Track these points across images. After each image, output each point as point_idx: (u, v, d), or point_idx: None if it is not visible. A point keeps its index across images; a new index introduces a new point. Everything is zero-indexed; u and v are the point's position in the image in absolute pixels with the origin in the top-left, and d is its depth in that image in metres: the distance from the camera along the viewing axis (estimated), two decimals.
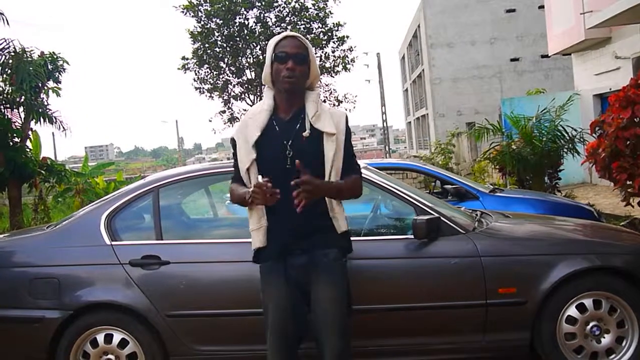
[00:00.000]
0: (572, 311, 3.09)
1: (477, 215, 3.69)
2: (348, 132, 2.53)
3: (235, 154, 2.56)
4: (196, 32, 18.54)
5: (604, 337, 3.10)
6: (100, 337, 3.18)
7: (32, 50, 9.80)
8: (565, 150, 7.98)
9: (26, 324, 3.19)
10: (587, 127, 6.12)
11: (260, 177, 2.30)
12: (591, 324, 3.08)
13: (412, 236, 3.07)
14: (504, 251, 3.15)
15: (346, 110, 19.83)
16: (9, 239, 3.73)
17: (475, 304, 3.06)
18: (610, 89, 11.12)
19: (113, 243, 3.25)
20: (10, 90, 9.54)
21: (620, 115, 5.23)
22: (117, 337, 3.18)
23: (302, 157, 2.33)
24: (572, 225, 3.82)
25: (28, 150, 10.33)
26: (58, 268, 3.24)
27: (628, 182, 5.36)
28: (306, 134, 2.44)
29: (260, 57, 18.70)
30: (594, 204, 8.07)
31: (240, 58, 18.96)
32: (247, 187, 2.45)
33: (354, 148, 2.69)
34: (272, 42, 2.50)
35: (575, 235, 3.59)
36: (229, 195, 2.66)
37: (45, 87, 10.17)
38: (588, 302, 3.09)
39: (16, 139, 9.88)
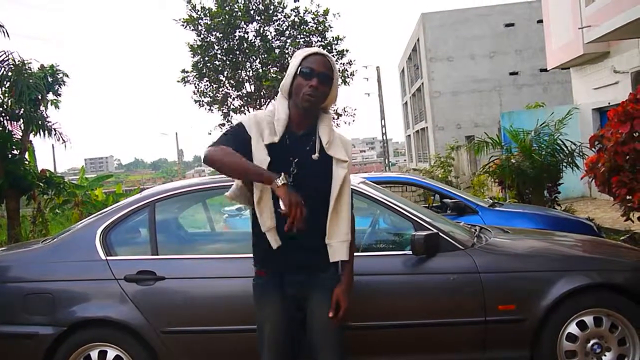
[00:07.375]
0: (572, 328, 3.05)
1: (476, 230, 3.66)
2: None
3: (237, 135, 2.33)
4: (196, 46, 18.60)
5: (605, 355, 3.06)
6: (94, 354, 3.14)
7: (31, 63, 9.84)
8: (564, 164, 7.97)
9: (19, 339, 3.15)
10: (586, 141, 6.11)
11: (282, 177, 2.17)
12: (592, 342, 3.04)
13: (410, 252, 3.04)
14: (504, 267, 3.12)
15: (345, 123, 19.89)
16: (4, 254, 3.70)
17: (474, 321, 3.02)
18: (609, 103, 11.15)
19: (108, 258, 3.22)
20: (10, 103, 9.54)
21: (619, 130, 5.22)
22: (112, 353, 3.13)
23: (306, 177, 2.30)
24: (573, 240, 3.80)
25: (26, 162, 10.31)
26: (52, 283, 3.20)
27: (628, 197, 5.34)
28: (315, 157, 2.38)
29: (260, 70, 18.75)
30: (593, 218, 8.03)
31: (239, 71, 18.99)
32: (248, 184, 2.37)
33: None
34: (299, 55, 2.40)
35: (576, 252, 3.56)
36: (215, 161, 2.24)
37: (45, 100, 10.18)
38: (589, 320, 3.06)
39: (15, 151, 9.87)
